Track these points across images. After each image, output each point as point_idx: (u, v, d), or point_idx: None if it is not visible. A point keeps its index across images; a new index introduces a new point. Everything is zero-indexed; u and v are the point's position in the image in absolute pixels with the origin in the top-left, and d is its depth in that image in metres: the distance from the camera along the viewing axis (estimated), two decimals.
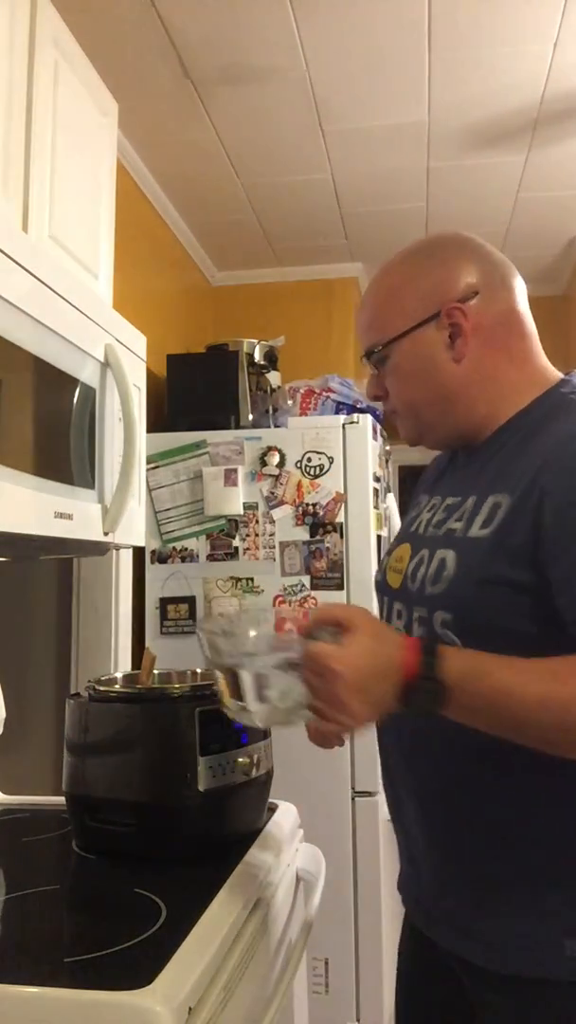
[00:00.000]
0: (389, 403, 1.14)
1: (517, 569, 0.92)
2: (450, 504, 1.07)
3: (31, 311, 1.20)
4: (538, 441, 0.99)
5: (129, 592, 2.62)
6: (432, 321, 1.06)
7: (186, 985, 0.89)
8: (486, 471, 1.04)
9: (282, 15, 2.12)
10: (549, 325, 4.58)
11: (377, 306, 1.12)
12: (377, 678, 0.87)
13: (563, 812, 0.95)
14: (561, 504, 0.90)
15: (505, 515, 0.96)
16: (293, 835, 1.51)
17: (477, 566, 0.96)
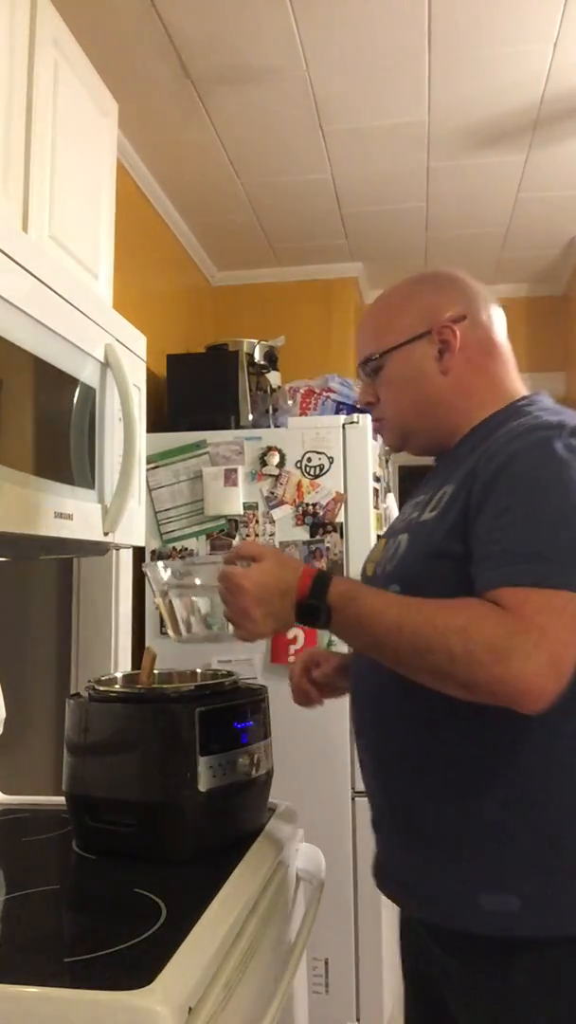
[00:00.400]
0: (379, 409, 1.28)
1: (454, 543, 1.07)
2: (417, 502, 1.25)
3: (31, 311, 1.20)
4: (485, 444, 1.13)
5: (129, 592, 2.62)
6: (424, 337, 1.22)
7: (186, 985, 0.89)
8: (444, 472, 1.21)
9: (282, 15, 2.12)
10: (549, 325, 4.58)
11: (376, 322, 1.28)
12: (277, 595, 1.06)
13: (487, 779, 1.06)
14: (483, 483, 1.05)
15: (448, 500, 1.12)
16: (293, 835, 1.51)
17: (422, 543, 1.13)
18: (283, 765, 1.53)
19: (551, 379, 4.03)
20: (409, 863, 1.14)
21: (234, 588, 1.08)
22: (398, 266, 3.83)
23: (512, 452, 1.06)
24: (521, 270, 3.88)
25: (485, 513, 1.04)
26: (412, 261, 3.77)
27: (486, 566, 1.01)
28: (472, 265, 3.79)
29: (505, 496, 1.03)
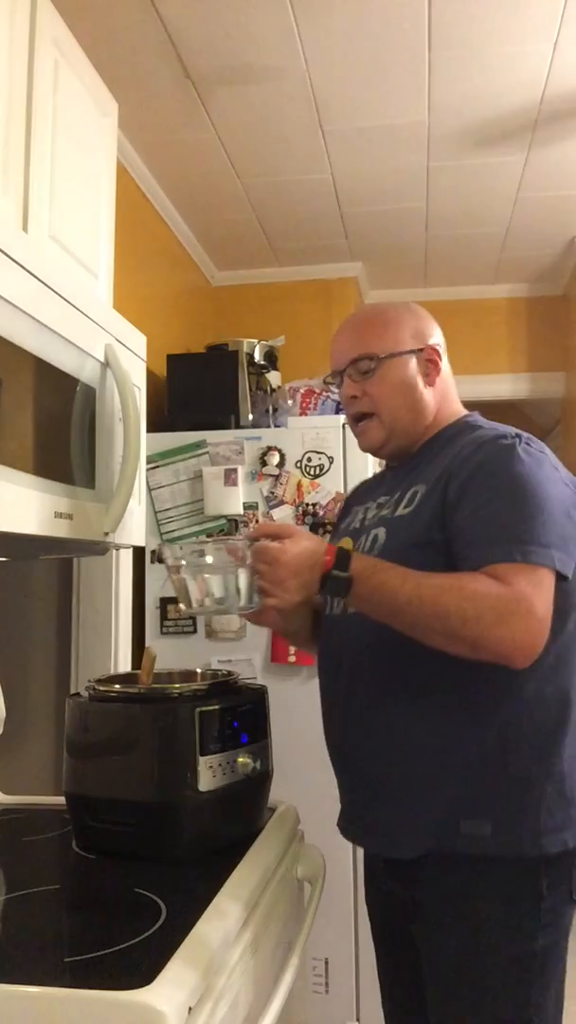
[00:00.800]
0: (365, 405, 1.42)
1: (432, 531, 1.27)
2: (381, 502, 1.43)
3: (31, 311, 1.20)
4: (446, 451, 1.35)
5: (129, 592, 2.62)
6: (417, 353, 1.43)
7: (186, 985, 0.89)
8: (410, 475, 1.40)
9: (282, 15, 2.12)
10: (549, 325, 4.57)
11: (374, 328, 1.43)
12: (307, 567, 1.21)
13: (469, 727, 1.25)
14: (459, 482, 1.27)
15: (422, 497, 1.32)
16: (293, 835, 1.51)
17: (403, 534, 1.31)
18: (283, 765, 1.53)
19: (551, 379, 4.03)
20: (392, 803, 1.29)
21: (272, 560, 1.21)
22: (398, 266, 3.83)
23: (484, 455, 1.28)
24: (521, 270, 3.88)
25: (465, 506, 1.24)
26: (412, 261, 3.77)
27: (476, 547, 1.21)
28: (472, 265, 3.80)
29: (485, 491, 1.24)
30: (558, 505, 1.23)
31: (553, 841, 1.23)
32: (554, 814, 1.23)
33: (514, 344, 4.06)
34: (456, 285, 4.02)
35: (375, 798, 1.33)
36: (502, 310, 4.06)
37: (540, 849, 1.22)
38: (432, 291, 4.06)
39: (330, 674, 1.44)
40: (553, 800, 1.24)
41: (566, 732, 1.26)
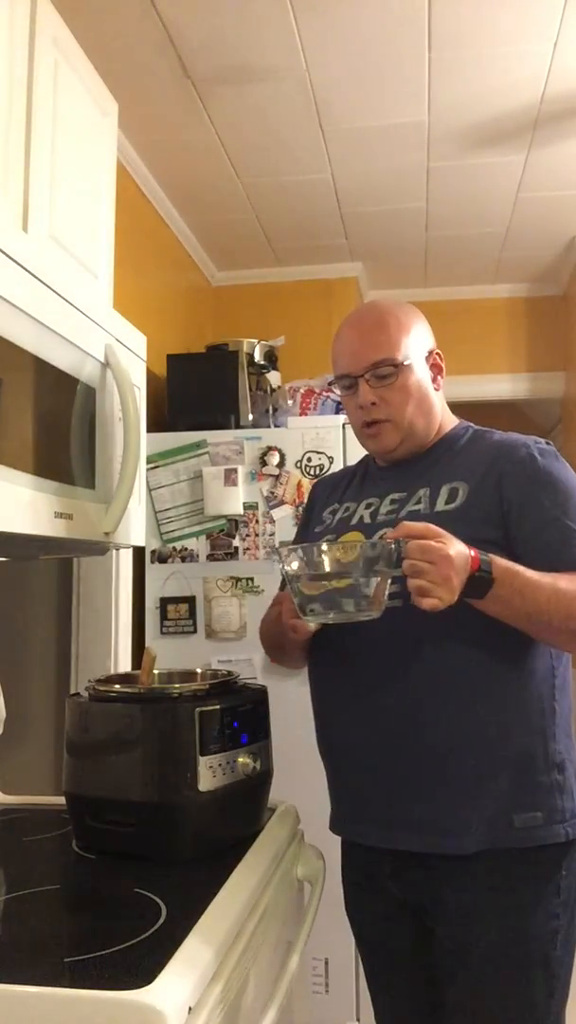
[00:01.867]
0: (379, 411, 1.41)
1: (487, 529, 1.31)
2: (395, 498, 1.43)
3: (31, 311, 1.20)
4: (471, 453, 1.41)
5: (129, 592, 2.62)
6: (429, 358, 1.46)
7: (186, 985, 0.89)
8: (429, 472, 1.41)
9: (282, 15, 2.12)
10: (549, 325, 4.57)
11: (395, 333, 1.42)
12: (463, 567, 1.20)
13: (513, 726, 1.31)
14: (517, 484, 1.33)
15: (467, 495, 1.35)
16: (293, 835, 1.51)
17: (452, 529, 1.25)
18: (283, 765, 1.53)
19: (551, 379, 4.03)
20: (442, 803, 1.30)
21: (440, 559, 1.18)
22: (398, 266, 3.83)
23: (538, 464, 1.36)
24: (521, 270, 3.88)
25: (535, 508, 1.32)
26: (412, 261, 3.77)
27: (553, 552, 1.29)
28: (472, 265, 3.80)
29: (548, 497, 1.33)
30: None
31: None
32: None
33: (514, 344, 4.06)
34: (456, 285, 4.02)
35: (424, 796, 1.31)
36: (502, 310, 4.06)
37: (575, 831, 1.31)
38: (432, 291, 4.06)
39: (348, 672, 1.40)
40: (574, 782, 1.34)
41: (572, 720, 1.37)
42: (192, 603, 2.67)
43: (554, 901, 1.28)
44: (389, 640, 1.33)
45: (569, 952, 1.31)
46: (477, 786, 1.29)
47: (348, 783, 1.43)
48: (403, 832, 1.33)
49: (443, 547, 1.18)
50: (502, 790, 1.28)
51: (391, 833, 1.35)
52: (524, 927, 1.27)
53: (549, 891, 1.28)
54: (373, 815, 1.37)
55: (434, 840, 1.30)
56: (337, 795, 1.45)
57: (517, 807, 1.28)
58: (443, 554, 1.17)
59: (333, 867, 1.51)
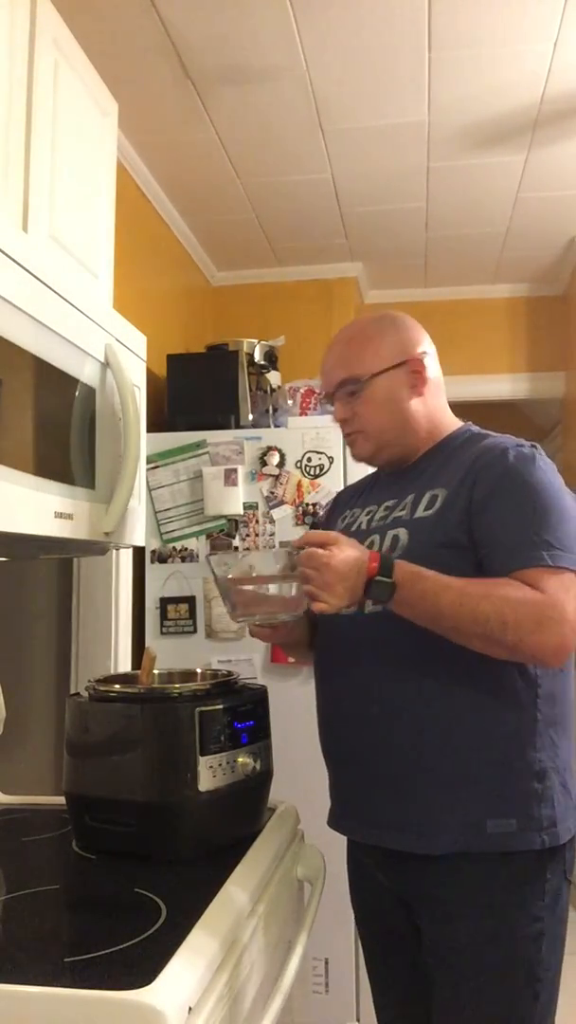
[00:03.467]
0: (353, 424, 1.46)
1: (457, 533, 1.31)
2: (388, 505, 1.45)
3: (31, 311, 1.20)
4: (459, 458, 1.39)
5: (129, 592, 2.62)
6: (401, 367, 1.44)
7: (186, 985, 0.89)
8: (419, 479, 1.43)
9: (282, 15, 2.12)
10: (549, 325, 4.57)
11: (356, 350, 1.46)
12: (354, 573, 1.24)
13: (492, 731, 1.30)
14: (486, 489, 1.31)
15: (444, 501, 1.35)
16: (293, 835, 1.51)
17: (427, 536, 1.34)
18: (283, 765, 1.53)
19: (551, 379, 4.03)
20: (421, 805, 1.31)
21: (321, 566, 1.23)
22: (398, 266, 3.83)
23: (508, 463, 1.33)
24: (521, 270, 3.88)
25: (494, 510, 1.30)
26: (412, 261, 3.77)
27: (506, 552, 1.27)
28: (472, 265, 3.80)
29: (510, 498, 1.30)
30: (572, 510, 1.31)
31: (564, 830, 1.30)
32: (561, 804, 1.31)
33: (514, 344, 4.06)
34: (456, 285, 4.02)
35: (402, 796, 1.34)
36: (502, 310, 4.06)
37: (555, 839, 1.29)
38: (432, 291, 4.06)
39: (340, 673, 1.44)
40: (560, 792, 1.31)
41: (564, 727, 1.35)
42: (192, 603, 2.67)
43: (537, 904, 1.28)
44: (370, 645, 1.38)
45: (555, 955, 1.30)
46: (448, 790, 1.30)
47: (337, 781, 1.46)
48: (378, 830, 1.37)
49: (327, 555, 1.23)
50: (475, 796, 1.29)
51: (369, 830, 1.39)
52: (503, 928, 1.27)
53: (532, 893, 1.28)
54: (354, 812, 1.42)
55: (406, 839, 1.33)
56: (331, 791, 1.49)
57: (491, 813, 1.28)
58: (323, 561, 1.23)
59: (333, 867, 1.51)
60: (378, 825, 1.37)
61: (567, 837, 1.30)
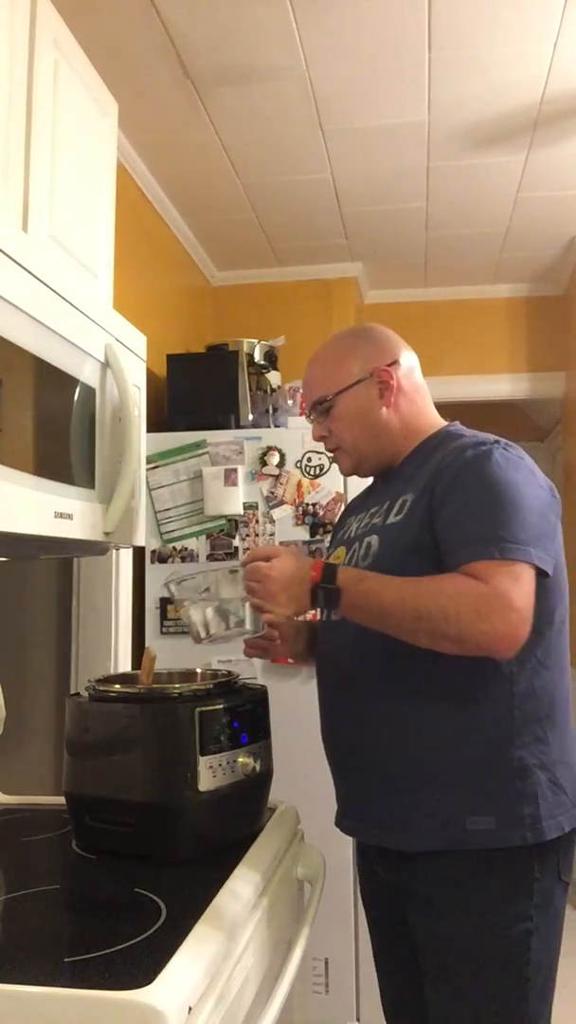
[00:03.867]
0: (332, 441, 1.52)
1: (423, 535, 1.33)
2: (372, 511, 1.49)
3: (31, 311, 1.20)
4: (431, 459, 1.41)
5: (129, 592, 2.62)
6: (367, 380, 1.47)
7: (186, 985, 0.89)
8: (397, 484, 1.45)
9: (282, 15, 2.12)
10: (549, 325, 4.57)
11: (323, 370, 1.51)
12: (296, 581, 1.29)
13: (469, 728, 1.31)
14: (443, 488, 1.33)
15: (411, 504, 1.37)
16: (293, 835, 1.51)
17: (395, 540, 1.37)
18: (283, 765, 1.53)
19: (551, 379, 4.03)
20: (400, 799, 1.33)
21: (262, 577, 1.29)
22: (398, 266, 3.83)
23: (464, 461, 1.34)
24: (521, 270, 3.88)
25: (448, 508, 1.31)
26: (412, 261, 3.77)
27: (457, 548, 1.27)
28: (472, 265, 3.80)
29: (463, 495, 1.30)
30: (535, 504, 1.30)
31: (551, 827, 1.29)
32: (548, 801, 1.30)
33: (514, 344, 4.06)
34: (456, 285, 4.02)
35: (380, 794, 1.36)
36: (502, 310, 4.07)
37: (540, 836, 1.28)
38: (432, 291, 4.06)
39: (328, 676, 1.48)
40: (547, 788, 1.30)
41: (552, 724, 1.34)
42: None
43: (525, 903, 1.27)
44: (350, 648, 1.41)
45: (547, 956, 1.30)
46: (428, 789, 1.30)
47: (335, 780, 1.49)
48: (368, 827, 1.41)
49: (267, 566, 1.30)
50: (454, 794, 1.29)
51: (362, 828, 1.43)
52: (487, 925, 1.27)
53: (519, 892, 1.28)
54: (345, 809, 1.45)
55: (392, 837, 1.35)
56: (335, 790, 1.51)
57: (470, 811, 1.28)
58: (264, 573, 1.29)
59: (333, 867, 1.51)
60: (368, 823, 1.39)
61: (555, 834, 1.29)
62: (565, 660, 1.39)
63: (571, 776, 1.34)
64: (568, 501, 4.16)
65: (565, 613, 1.38)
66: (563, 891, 1.33)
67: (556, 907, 1.31)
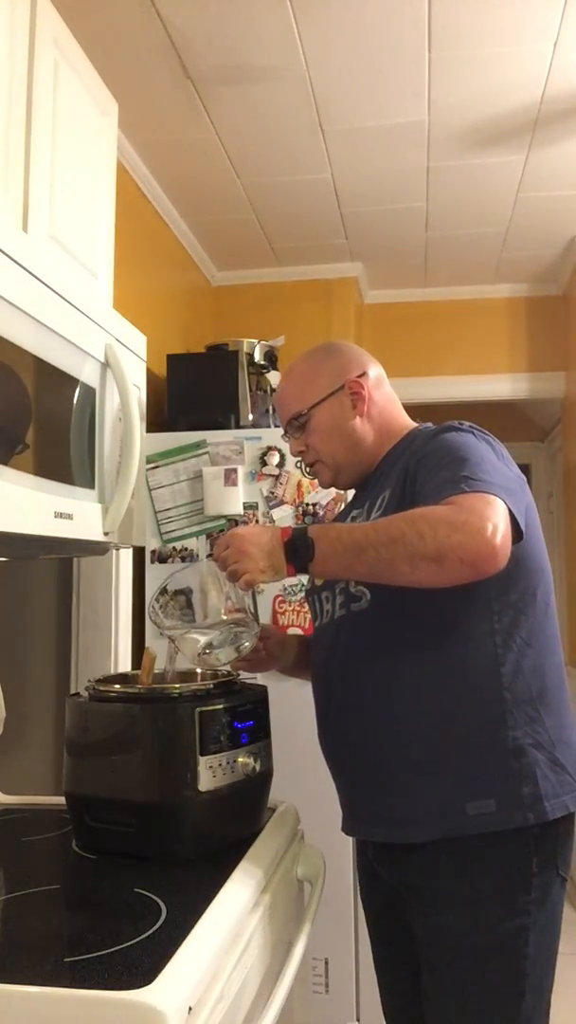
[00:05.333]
0: (310, 456, 1.55)
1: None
2: (355, 515, 1.51)
3: (31, 311, 1.20)
4: (404, 455, 1.44)
5: (129, 592, 2.62)
6: (339, 392, 1.51)
7: (186, 985, 0.89)
8: (374, 486, 1.48)
9: (282, 15, 2.12)
10: (549, 325, 4.57)
11: (295, 387, 1.54)
12: (267, 538, 1.30)
13: (459, 713, 1.32)
14: (415, 463, 1.37)
15: (389, 496, 1.40)
16: (293, 835, 1.51)
17: None
18: (283, 765, 1.53)
19: (551, 379, 4.04)
20: (399, 791, 1.33)
21: (230, 538, 1.31)
22: (398, 266, 3.83)
23: (431, 436, 1.40)
24: (521, 270, 3.88)
25: (421, 474, 1.34)
26: (412, 261, 3.77)
27: (430, 496, 1.27)
28: (472, 265, 3.80)
29: (431, 459, 1.34)
30: (499, 466, 1.32)
31: (555, 807, 1.29)
32: (550, 780, 1.29)
33: (514, 344, 4.06)
34: (456, 285, 4.02)
35: (377, 788, 1.37)
36: (502, 310, 4.07)
37: (543, 815, 1.27)
38: (432, 291, 4.06)
39: (321, 676, 1.49)
40: (546, 766, 1.30)
41: (545, 703, 1.33)
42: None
43: (522, 898, 1.28)
44: (334, 647, 1.44)
45: (545, 952, 1.30)
46: (424, 777, 1.31)
47: (334, 781, 1.49)
48: (360, 822, 1.42)
49: (234, 530, 1.33)
50: (452, 780, 1.29)
51: (359, 826, 1.43)
52: (483, 919, 1.27)
53: (515, 886, 1.28)
54: (343, 806, 1.46)
55: (385, 831, 1.36)
56: None
57: (469, 795, 1.28)
58: (230, 534, 1.33)
59: (333, 867, 1.51)
60: (363, 819, 1.41)
61: (559, 813, 1.29)
62: (555, 641, 1.39)
63: (571, 754, 1.34)
64: (568, 501, 4.16)
65: (548, 595, 1.39)
66: (561, 887, 1.33)
67: (554, 903, 1.31)
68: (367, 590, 1.39)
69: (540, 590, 1.37)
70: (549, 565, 1.42)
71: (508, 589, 1.33)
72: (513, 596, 1.34)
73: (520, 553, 1.31)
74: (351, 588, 1.42)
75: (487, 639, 1.32)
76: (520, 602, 1.33)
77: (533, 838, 1.28)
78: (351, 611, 1.41)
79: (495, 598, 1.33)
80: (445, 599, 1.27)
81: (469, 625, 1.33)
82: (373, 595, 1.37)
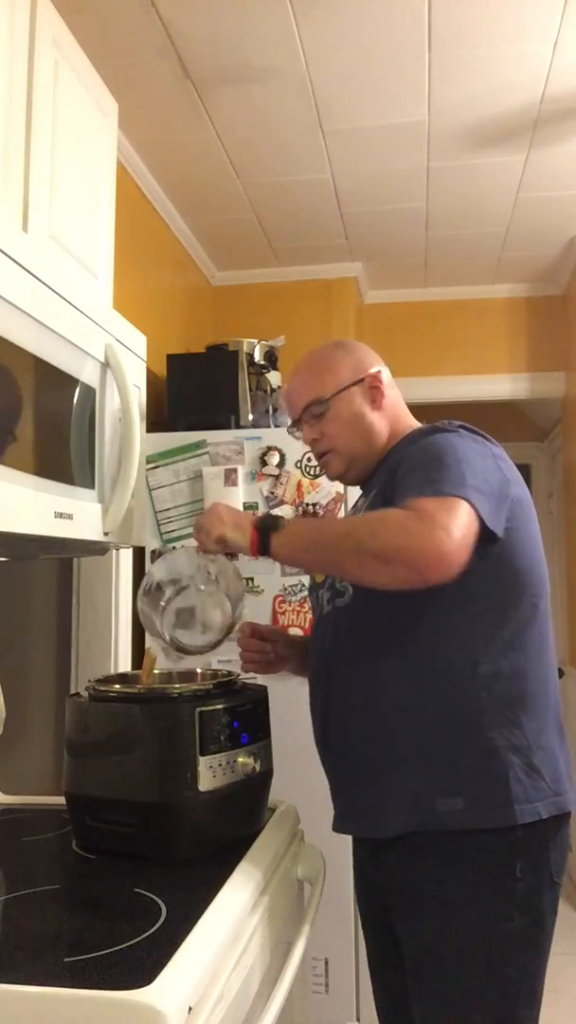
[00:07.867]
0: (324, 444, 1.55)
1: None
2: (357, 508, 1.55)
3: (31, 311, 1.20)
4: (396, 455, 1.47)
5: (129, 592, 2.62)
6: (358, 384, 1.53)
7: (186, 985, 0.89)
8: (373, 483, 1.52)
9: (282, 15, 2.12)
10: (549, 325, 4.57)
11: (313, 376, 1.55)
12: (235, 511, 1.41)
13: (435, 713, 1.33)
14: (396, 465, 1.40)
15: (375, 495, 1.45)
16: (293, 835, 1.51)
17: None
18: (283, 765, 1.53)
19: (551, 379, 4.04)
20: (370, 783, 1.36)
21: (212, 505, 1.42)
22: (398, 266, 3.83)
23: (418, 438, 1.43)
24: (521, 270, 3.88)
25: (398, 476, 1.36)
26: (412, 261, 3.77)
27: (399, 496, 1.30)
28: (472, 265, 3.80)
29: (411, 461, 1.36)
30: (480, 465, 1.32)
31: (525, 811, 1.27)
32: (523, 783, 1.28)
33: (514, 344, 4.06)
34: (456, 285, 4.02)
35: (354, 780, 1.39)
36: (502, 310, 4.07)
37: (511, 819, 1.26)
38: (432, 291, 4.06)
39: (314, 669, 1.51)
40: (521, 771, 1.29)
41: (525, 708, 1.32)
42: None
43: (506, 904, 1.26)
44: (324, 640, 1.47)
45: (535, 959, 1.28)
46: (397, 771, 1.32)
47: (329, 783, 1.50)
48: (343, 818, 1.43)
49: (204, 512, 1.42)
50: (423, 775, 1.30)
51: (338, 818, 1.45)
52: (461, 922, 1.27)
53: (495, 890, 1.27)
54: (333, 802, 1.47)
55: (359, 825, 1.40)
56: None
57: (440, 792, 1.29)
58: (204, 511, 1.42)
59: (333, 867, 1.51)
60: (344, 815, 1.43)
61: (528, 819, 1.27)
62: (543, 647, 1.38)
63: (550, 762, 1.32)
64: (568, 501, 4.16)
65: (538, 596, 1.37)
66: (553, 893, 1.30)
67: (543, 911, 1.29)
68: (349, 586, 1.41)
69: (529, 591, 1.36)
70: (545, 567, 1.41)
71: (490, 588, 1.33)
72: (496, 595, 1.33)
73: (504, 552, 1.32)
74: (336, 584, 1.45)
75: (465, 638, 1.32)
76: (503, 602, 1.33)
77: (517, 841, 1.27)
78: (336, 606, 1.44)
79: (475, 597, 1.32)
80: (424, 595, 1.27)
81: (446, 622, 1.33)
82: (354, 590, 1.40)
